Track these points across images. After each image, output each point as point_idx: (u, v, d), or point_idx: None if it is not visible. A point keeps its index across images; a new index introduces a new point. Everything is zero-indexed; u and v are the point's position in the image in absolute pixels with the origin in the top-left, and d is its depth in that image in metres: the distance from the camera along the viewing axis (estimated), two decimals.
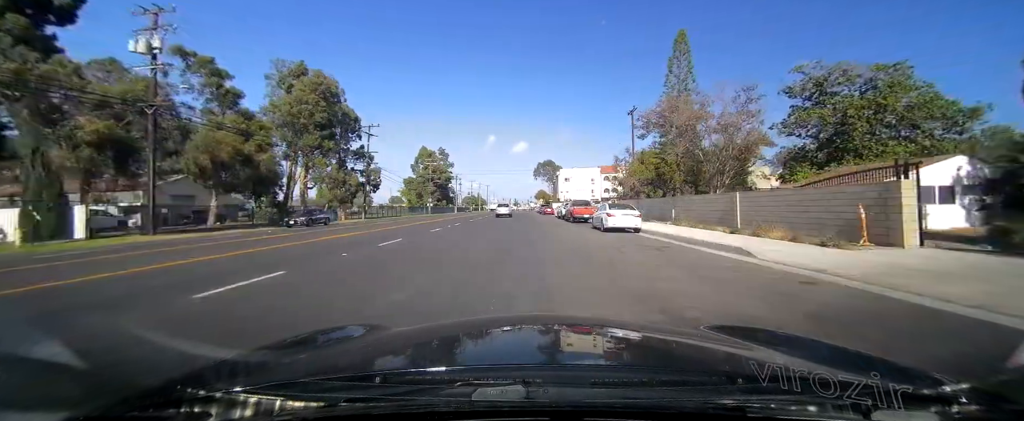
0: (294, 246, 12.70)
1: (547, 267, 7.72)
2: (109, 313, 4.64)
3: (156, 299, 5.43)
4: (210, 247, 13.02)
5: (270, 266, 7.97)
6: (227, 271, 7.63)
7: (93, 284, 6.66)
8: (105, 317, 4.46)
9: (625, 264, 8.03)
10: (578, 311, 4.64)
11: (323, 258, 9.52)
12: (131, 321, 4.27)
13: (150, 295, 5.70)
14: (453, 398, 0.83)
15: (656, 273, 6.96)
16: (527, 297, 5.28)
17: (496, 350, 1.43)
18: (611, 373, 1.11)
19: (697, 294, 5.31)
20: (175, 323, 4.28)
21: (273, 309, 4.82)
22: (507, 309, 4.76)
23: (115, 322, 4.22)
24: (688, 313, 4.30)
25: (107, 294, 5.78)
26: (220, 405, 0.82)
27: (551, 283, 6.13)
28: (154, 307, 5.00)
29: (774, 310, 4.45)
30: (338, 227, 27.18)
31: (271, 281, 6.51)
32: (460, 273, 7.20)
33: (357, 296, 5.46)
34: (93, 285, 6.56)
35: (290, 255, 10.22)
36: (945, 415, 0.75)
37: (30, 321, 4.41)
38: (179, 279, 6.94)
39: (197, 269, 8.15)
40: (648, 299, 5.04)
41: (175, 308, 4.89)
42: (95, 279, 7.14)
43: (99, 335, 3.83)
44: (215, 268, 8.22)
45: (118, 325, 4.10)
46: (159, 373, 1.32)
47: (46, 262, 9.92)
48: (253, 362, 1.30)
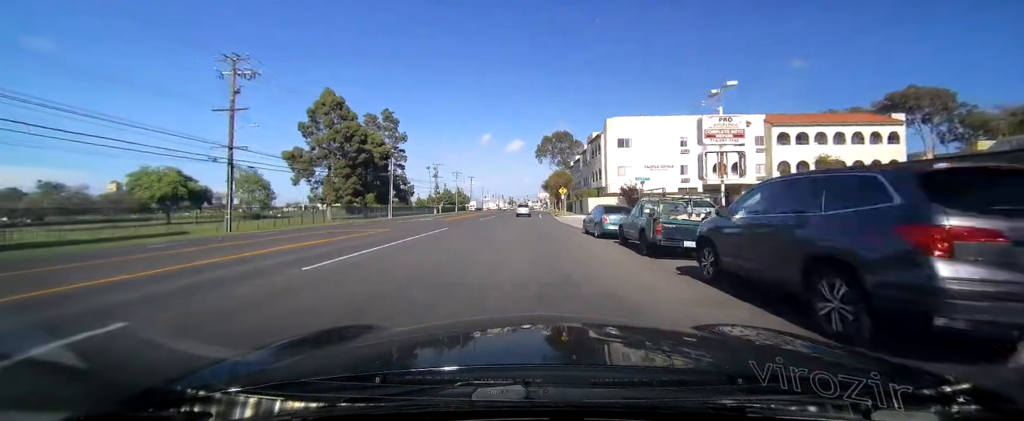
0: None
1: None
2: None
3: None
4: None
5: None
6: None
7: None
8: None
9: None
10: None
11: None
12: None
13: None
14: (453, 398, 0.83)
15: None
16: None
17: (496, 350, 1.43)
18: (611, 373, 1.11)
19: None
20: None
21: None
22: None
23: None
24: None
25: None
26: (220, 405, 0.82)
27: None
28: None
29: None
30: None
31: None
32: None
33: None
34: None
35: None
36: (945, 415, 0.75)
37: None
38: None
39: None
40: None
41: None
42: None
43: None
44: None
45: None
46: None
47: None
48: (253, 362, 1.29)
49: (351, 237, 15.84)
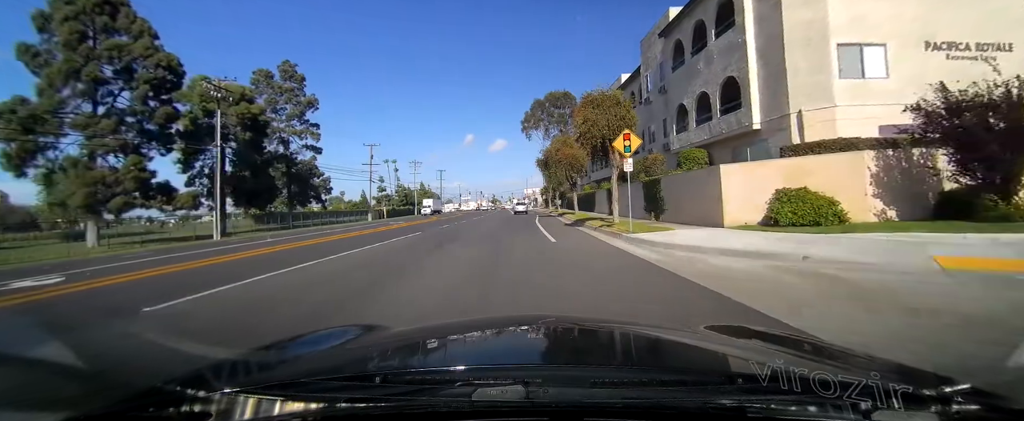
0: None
1: None
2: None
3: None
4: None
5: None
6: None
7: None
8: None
9: None
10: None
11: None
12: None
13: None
14: (453, 398, 0.83)
15: None
16: None
17: (496, 350, 1.43)
18: (611, 373, 1.11)
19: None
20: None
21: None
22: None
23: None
24: None
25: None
26: (220, 405, 0.82)
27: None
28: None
29: None
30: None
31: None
32: None
33: None
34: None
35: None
36: (945, 415, 0.75)
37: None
38: None
39: None
40: None
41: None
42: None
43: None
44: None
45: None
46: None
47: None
48: (253, 362, 1.30)
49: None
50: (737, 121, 17.06)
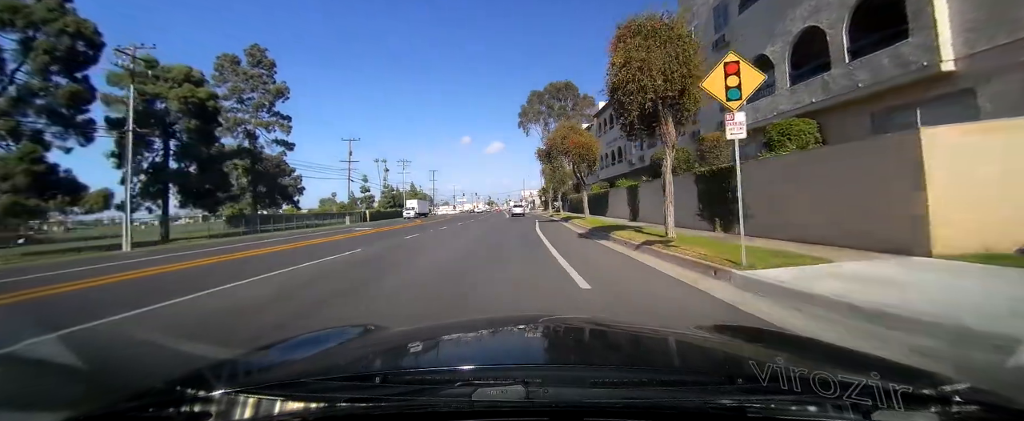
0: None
1: None
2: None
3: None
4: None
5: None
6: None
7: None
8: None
9: None
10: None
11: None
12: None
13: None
14: (453, 398, 0.83)
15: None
16: None
17: (496, 350, 1.42)
18: (611, 373, 1.11)
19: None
20: None
21: None
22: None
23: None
24: None
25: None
26: (220, 405, 0.82)
27: None
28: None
29: None
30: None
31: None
32: None
33: None
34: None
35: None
36: (945, 415, 0.75)
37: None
38: None
39: None
40: None
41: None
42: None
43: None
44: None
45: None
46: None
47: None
48: (253, 362, 1.30)
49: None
50: (896, 62, 9.87)
